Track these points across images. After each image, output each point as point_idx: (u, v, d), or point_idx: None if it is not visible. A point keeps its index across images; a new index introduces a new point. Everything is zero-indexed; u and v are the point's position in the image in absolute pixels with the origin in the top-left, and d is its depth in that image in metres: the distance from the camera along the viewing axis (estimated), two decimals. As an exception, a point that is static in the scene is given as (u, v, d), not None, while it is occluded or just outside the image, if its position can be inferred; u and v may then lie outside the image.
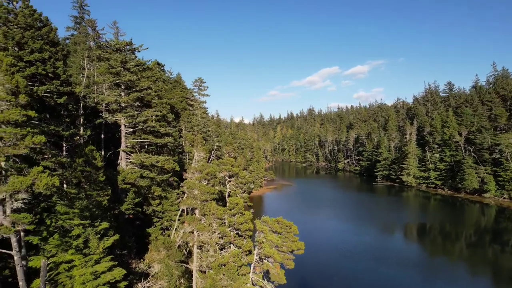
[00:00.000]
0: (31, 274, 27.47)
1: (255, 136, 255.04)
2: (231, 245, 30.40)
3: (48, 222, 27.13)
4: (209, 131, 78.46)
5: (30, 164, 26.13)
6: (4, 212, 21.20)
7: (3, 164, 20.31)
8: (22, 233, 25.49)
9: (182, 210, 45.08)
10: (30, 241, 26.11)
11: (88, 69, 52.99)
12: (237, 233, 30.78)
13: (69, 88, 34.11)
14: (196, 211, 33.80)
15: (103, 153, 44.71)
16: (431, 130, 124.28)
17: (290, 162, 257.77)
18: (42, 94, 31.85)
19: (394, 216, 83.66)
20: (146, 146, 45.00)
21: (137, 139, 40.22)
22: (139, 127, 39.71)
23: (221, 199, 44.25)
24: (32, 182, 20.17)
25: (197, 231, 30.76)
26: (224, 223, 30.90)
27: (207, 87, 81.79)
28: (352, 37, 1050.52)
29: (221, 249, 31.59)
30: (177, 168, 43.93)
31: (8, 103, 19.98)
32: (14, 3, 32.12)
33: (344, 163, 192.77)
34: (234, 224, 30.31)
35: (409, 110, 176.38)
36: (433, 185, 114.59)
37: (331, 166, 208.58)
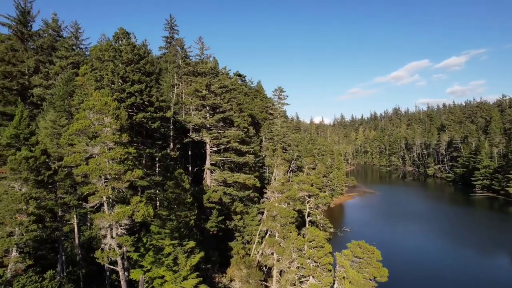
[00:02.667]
0: (132, 282, 31.31)
1: (336, 139, 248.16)
2: (311, 277, 30.11)
3: (145, 240, 30.39)
4: (289, 140, 78.84)
5: (131, 186, 29.69)
6: (112, 235, 24.32)
7: (110, 195, 23.27)
8: (124, 250, 28.90)
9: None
10: (130, 256, 29.61)
11: (177, 87, 57.79)
12: (317, 265, 30.33)
13: (161, 113, 37.60)
14: (276, 233, 34.33)
15: (190, 168, 48.31)
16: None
17: (373, 165, 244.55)
18: (140, 120, 35.72)
19: (499, 237, 72.99)
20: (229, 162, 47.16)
21: (220, 157, 42.42)
22: (223, 147, 41.87)
23: (300, 217, 44.27)
24: (132, 212, 22.80)
25: (277, 255, 31.20)
26: (304, 254, 30.77)
27: (287, 96, 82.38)
28: (446, 26, 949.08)
29: (300, 278, 31.49)
30: (258, 185, 45.17)
31: (113, 143, 22.84)
32: (120, 41, 36.59)
33: (434, 169, 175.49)
34: (314, 257, 29.94)
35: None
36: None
37: (419, 172, 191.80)
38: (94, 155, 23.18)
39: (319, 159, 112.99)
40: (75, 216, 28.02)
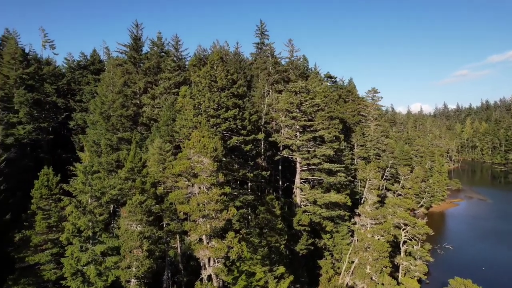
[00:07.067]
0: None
1: (437, 132, 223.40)
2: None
3: (238, 264, 32.22)
4: (383, 145, 74.11)
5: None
6: (209, 265, 26.44)
7: (209, 232, 25.16)
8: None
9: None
10: (223, 280, 31.78)
11: (267, 96, 58.75)
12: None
13: (253, 136, 38.79)
14: (368, 266, 32.93)
15: (280, 182, 49.12)
16: None
17: (483, 163, 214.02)
18: (233, 143, 37.49)
19: None
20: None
21: (311, 176, 42.16)
22: (313, 166, 41.47)
23: (394, 242, 41.53)
24: (227, 250, 24.33)
25: (369, 290, 29.98)
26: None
27: (381, 98, 77.09)
28: None
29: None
30: (349, 203, 43.75)
31: (210, 184, 24.48)
32: (215, 67, 38.63)
33: None
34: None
35: None
36: None
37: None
38: (194, 193, 25.26)
39: (417, 162, 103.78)
40: (178, 240, 31.09)
